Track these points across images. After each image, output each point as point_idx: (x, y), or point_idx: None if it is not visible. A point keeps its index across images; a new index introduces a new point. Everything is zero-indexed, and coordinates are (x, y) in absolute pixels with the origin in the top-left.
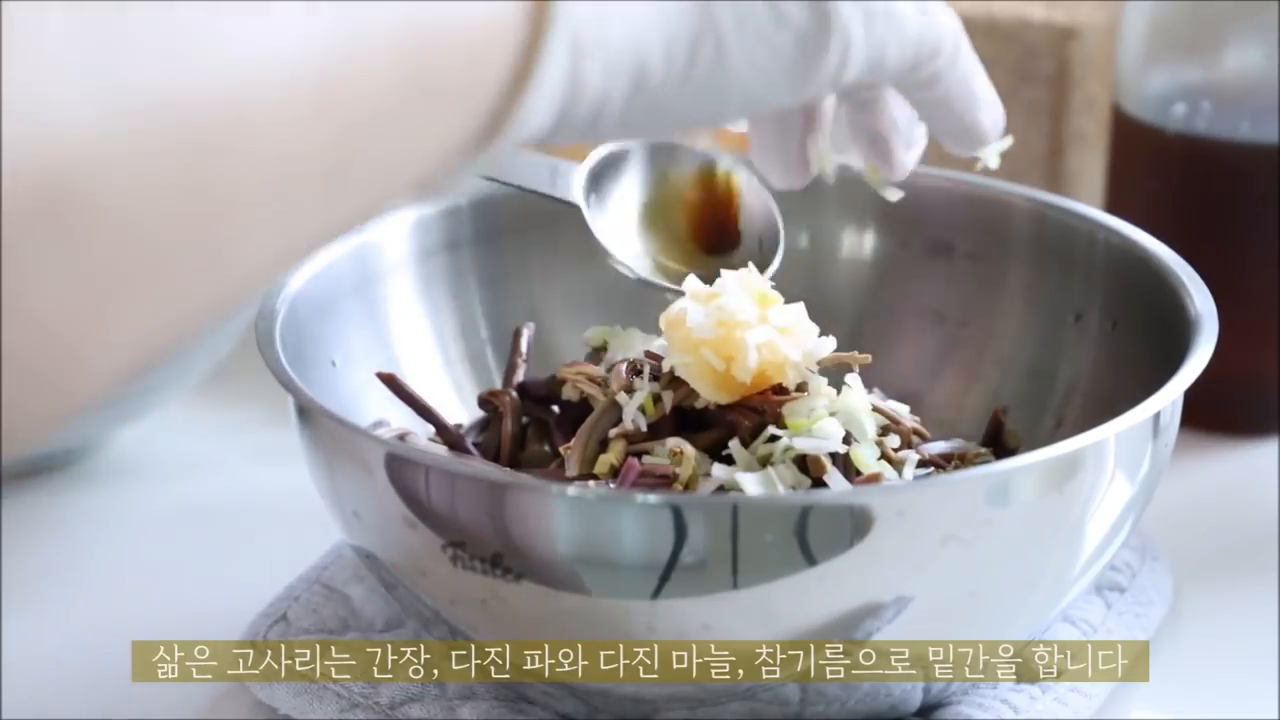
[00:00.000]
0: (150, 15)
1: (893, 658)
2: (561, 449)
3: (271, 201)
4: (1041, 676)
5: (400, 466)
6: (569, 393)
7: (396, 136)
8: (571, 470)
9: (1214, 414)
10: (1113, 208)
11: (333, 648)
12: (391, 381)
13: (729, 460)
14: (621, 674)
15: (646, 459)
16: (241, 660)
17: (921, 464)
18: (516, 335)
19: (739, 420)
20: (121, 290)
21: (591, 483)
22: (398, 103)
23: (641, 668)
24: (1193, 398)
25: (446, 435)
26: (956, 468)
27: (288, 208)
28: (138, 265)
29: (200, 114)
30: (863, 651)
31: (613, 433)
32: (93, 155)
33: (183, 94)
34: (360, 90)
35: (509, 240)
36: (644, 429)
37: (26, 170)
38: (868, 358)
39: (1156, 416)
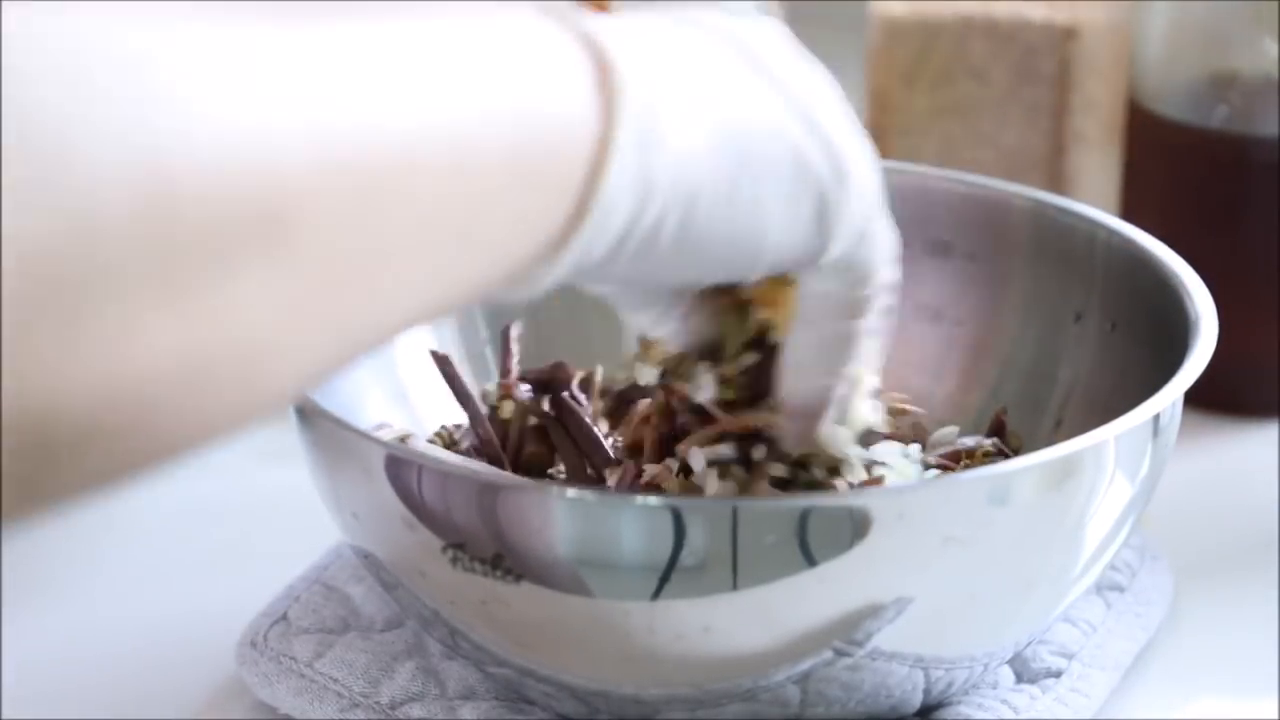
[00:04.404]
0: (348, 69)
1: (893, 659)
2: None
3: (418, 250)
4: (1042, 676)
5: (400, 468)
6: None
7: (506, 210)
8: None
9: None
10: (1128, 200)
11: (333, 647)
12: (444, 364)
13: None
14: (621, 675)
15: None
16: (242, 660)
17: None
18: (506, 336)
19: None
20: (307, 311)
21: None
22: (507, 181)
23: (641, 669)
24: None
25: (481, 428)
26: (966, 466)
27: (425, 260)
28: (321, 289)
29: (378, 162)
30: (863, 652)
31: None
32: (302, 184)
33: (367, 143)
34: (479, 167)
35: None
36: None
37: (251, 186)
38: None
39: (1156, 418)
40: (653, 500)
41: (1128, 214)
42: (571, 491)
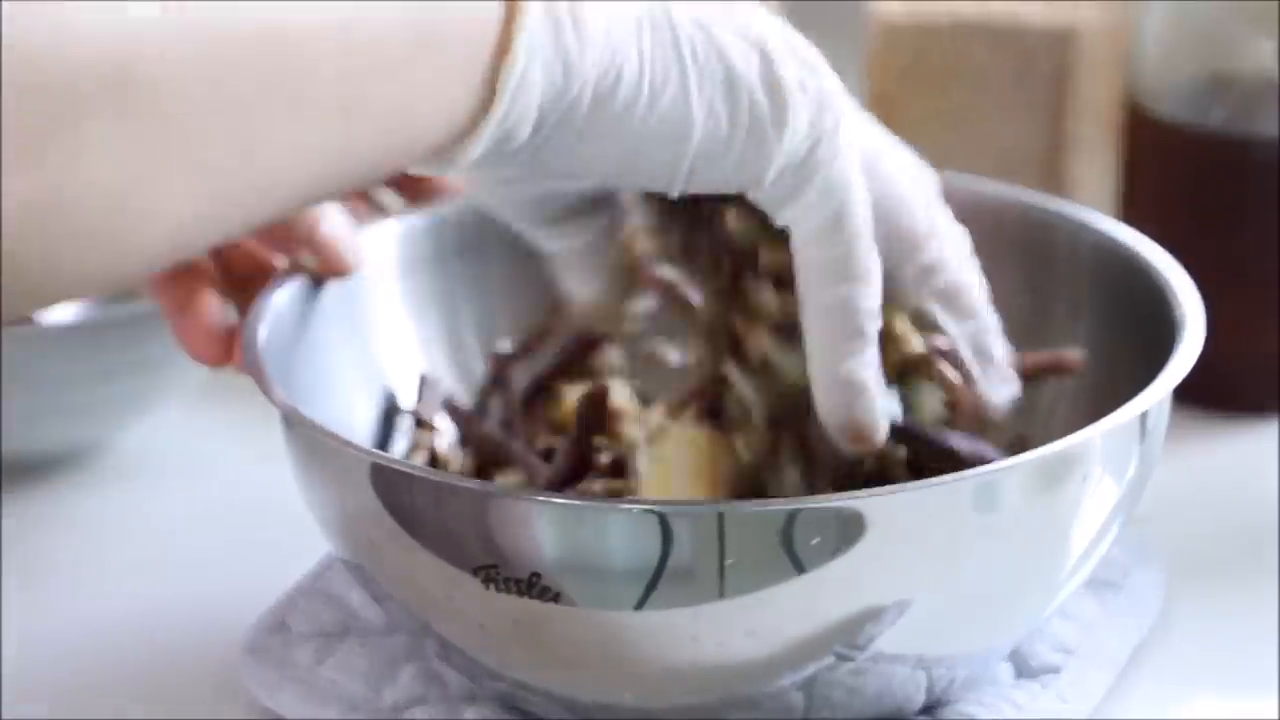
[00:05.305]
0: None
1: (895, 661)
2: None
3: (292, 115)
4: (1041, 672)
5: (385, 478)
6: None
7: (403, 88)
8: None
9: (1212, 391)
10: (1126, 201)
11: (334, 652)
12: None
13: None
14: (613, 686)
15: None
16: (244, 667)
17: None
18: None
19: None
20: (170, 163)
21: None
22: (405, 58)
23: (633, 679)
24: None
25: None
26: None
27: (306, 126)
28: (184, 143)
29: (245, 28)
30: (866, 656)
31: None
32: (158, 46)
33: (230, 10)
34: (374, 40)
35: (495, 253)
36: None
37: (100, 49)
38: None
39: (1143, 417)
40: (639, 507)
41: (1126, 215)
42: (557, 498)
